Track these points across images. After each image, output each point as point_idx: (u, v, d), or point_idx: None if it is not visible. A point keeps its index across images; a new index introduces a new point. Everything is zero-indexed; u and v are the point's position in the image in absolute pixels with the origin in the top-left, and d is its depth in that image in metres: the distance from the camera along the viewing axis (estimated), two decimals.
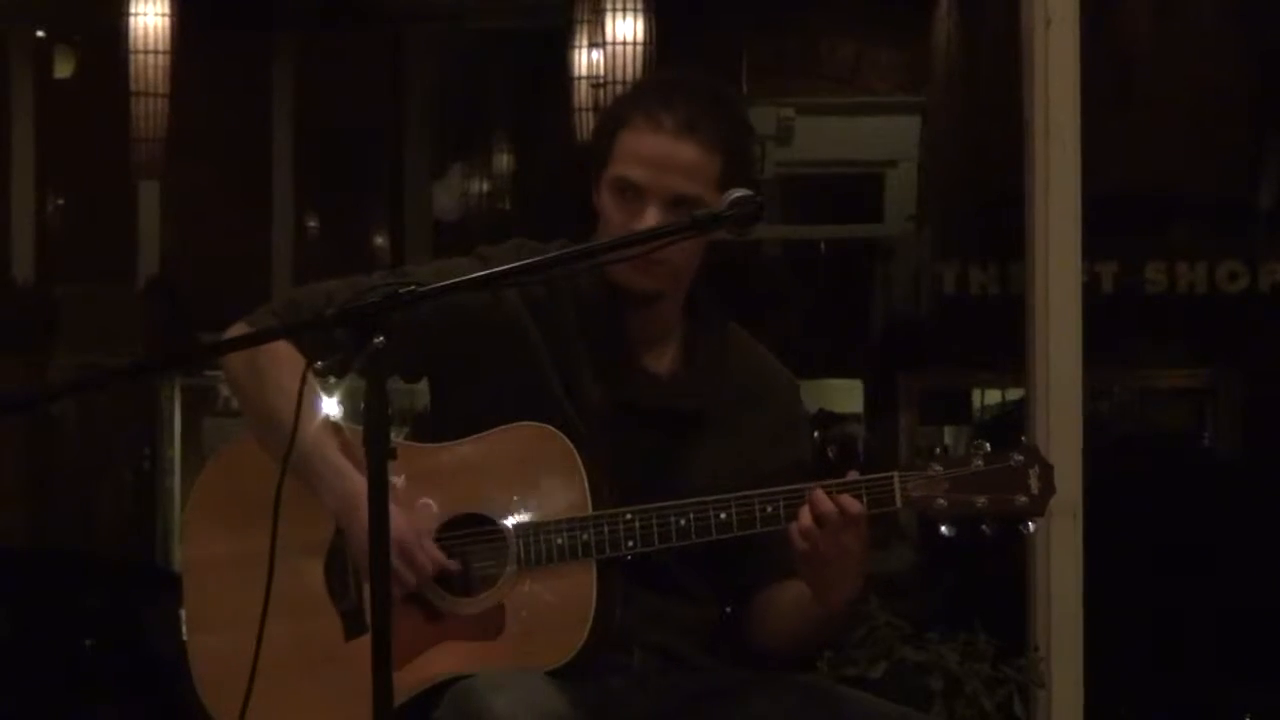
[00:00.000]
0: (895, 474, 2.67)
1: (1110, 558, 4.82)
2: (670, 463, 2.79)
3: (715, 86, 2.83)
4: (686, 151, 2.73)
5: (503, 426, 2.76)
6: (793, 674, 2.88)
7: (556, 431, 2.73)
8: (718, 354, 2.88)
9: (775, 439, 2.87)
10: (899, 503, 2.66)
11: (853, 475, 2.68)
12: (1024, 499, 2.67)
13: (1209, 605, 6.79)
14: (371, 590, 2.27)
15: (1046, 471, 2.68)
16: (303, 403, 2.41)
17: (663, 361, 2.86)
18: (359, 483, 2.58)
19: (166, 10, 7.16)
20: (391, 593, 2.32)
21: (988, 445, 2.69)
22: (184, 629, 2.89)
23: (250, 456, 2.80)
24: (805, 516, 2.63)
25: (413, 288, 2.41)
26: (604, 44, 6.87)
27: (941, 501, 2.66)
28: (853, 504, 2.63)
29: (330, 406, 2.80)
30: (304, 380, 2.40)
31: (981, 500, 2.66)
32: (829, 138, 11.42)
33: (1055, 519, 4.26)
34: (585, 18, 7.28)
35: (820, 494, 2.64)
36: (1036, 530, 2.74)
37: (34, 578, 6.81)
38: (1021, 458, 2.68)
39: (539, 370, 2.79)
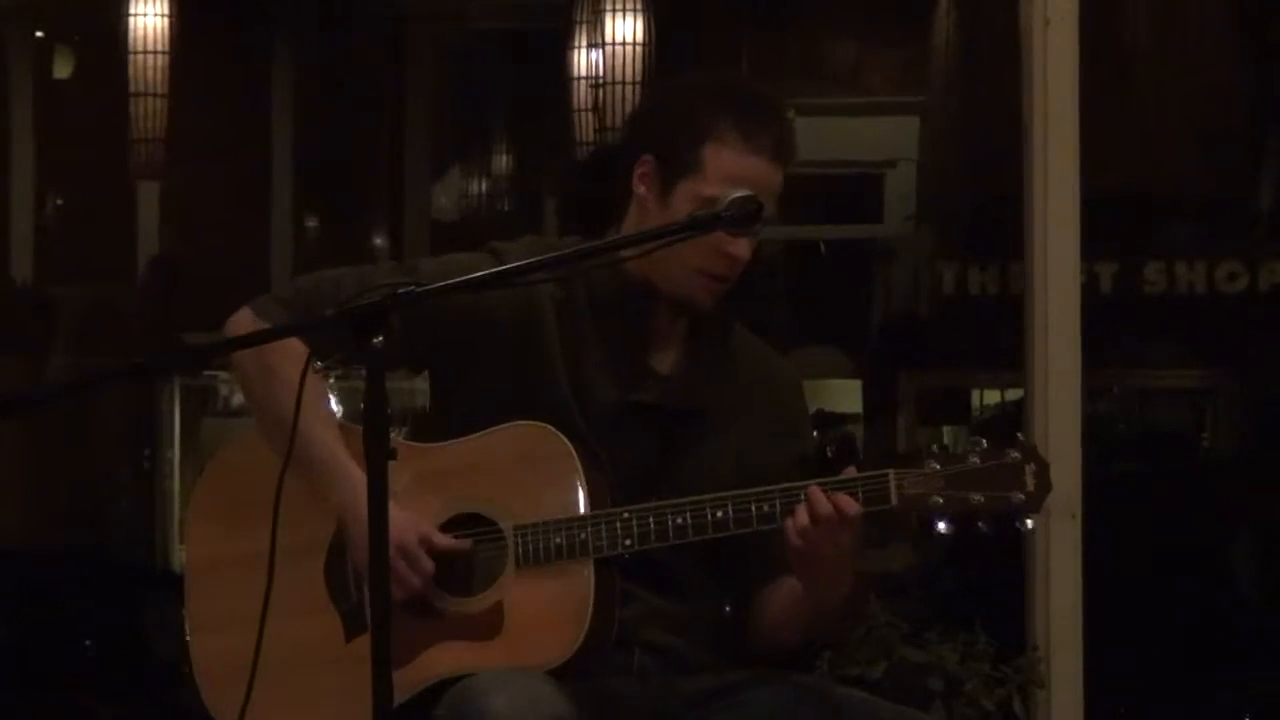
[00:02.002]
0: (891, 471, 2.67)
1: (1110, 557, 4.82)
2: (672, 460, 2.79)
3: (779, 101, 2.84)
4: (778, 177, 2.76)
5: (501, 425, 2.76)
6: (792, 674, 2.88)
7: (555, 430, 2.73)
8: (721, 352, 2.88)
9: (777, 435, 2.87)
10: (895, 500, 2.66)
11: (849, 472, 2.67)
12: (1020, 496, 2.67)
13: (1208, 605, 6.80)
14: (371, 590, 2.27)
15: (1043, 468, 2.68)
16: (306, 396, 2.41)
17: (666, 360, 2.86)
18: (364, 483, 2.58)
19: (166, 10, 7.16)
20: (391, 593, 2.32)
21: (984, 442, 2.68)
22: (185, 628, 2.89)
23: (252, 455, 2.81)
24: (802, 515, 2.63)
25: (412, 288, 2.41)
26: (603, 44, 6.86)
27: (937, 499, 2.66)
28: (850, 504, 2.63)
29: (332, 404, 2.81)
30: (305, 370, 2.40)
31: (977, 497, 2.65)
32: (828, 138, 11.41)
33: (1054, 519, 4.25)
34: (584, 18, 7.27)
35: (817, 493, 2.63)
36: (1034, 528, 2.73)
37: (33, 578, 6.81)
38: (1018, 455, 2.67)
39: (549, 367, 2.80)
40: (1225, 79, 10.41)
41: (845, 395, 11.53)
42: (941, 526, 2.66)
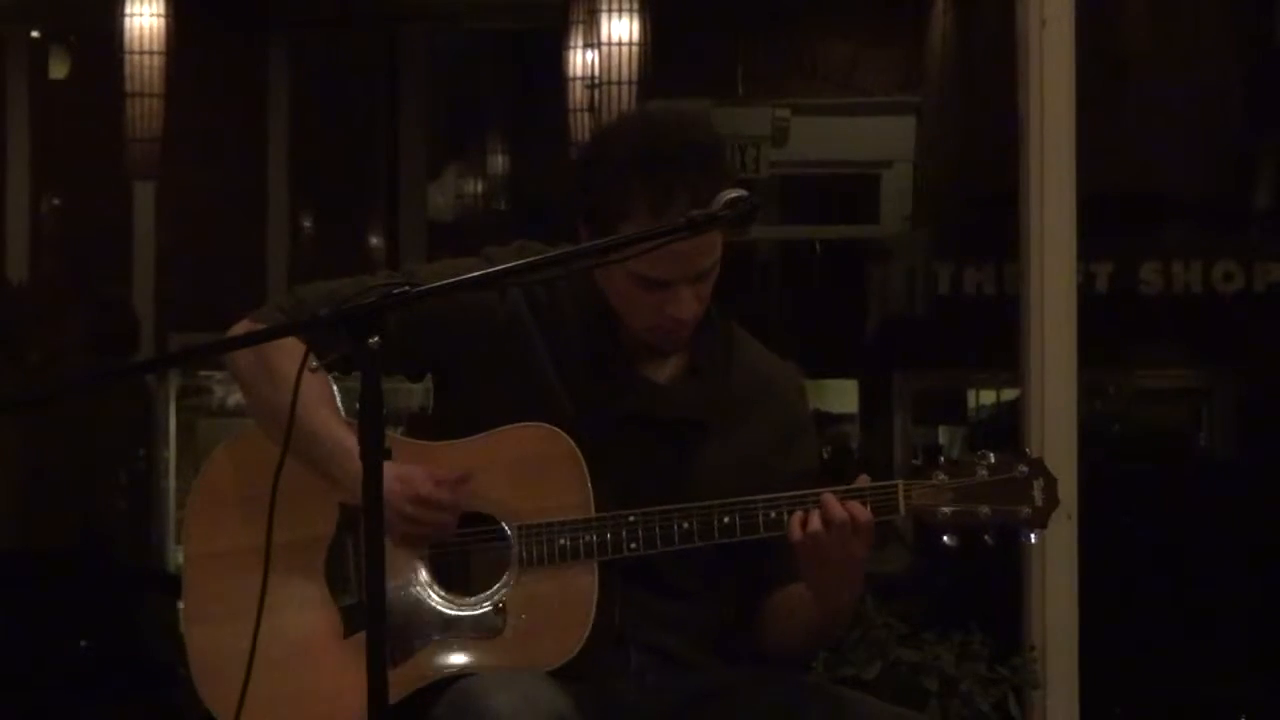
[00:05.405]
0: (900, 482, 2.68)
1: (1105, 557, 4.82)
2: (673, 471, 2.78)
3: (696, 140, 2.74)
4: (700, 240, 2.65)
5: (507, 426, 2.75)
6: (791, 674, 2.88)
7: (561, 432, 2.73)
8: (721, 359, 2.87)
9: (780, 445, 2.87)
10: (903, 511, 2.67)
11: (862, 480, 2.68)
12: (1027, 510, 2.68)
13: (1204, 605, 6.80)
14: (366, 585, 2.27)
15: (1051, 484, 2.69)
16: (307, 388, 2.41)
17: (664, 370, 2.85)
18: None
19: (162, 11, 7.16)
20: (419, 541, 2.29)
21: (992, 455, 2.69)
22: (182, 621, 2.89)
23: (253, 450, 2.80)
24: (815, 521, 2.64)
25: (407, 288, 2.41)
26: (599, 45, 6.87)
27: (945, 511, 2.67)
28: (864, 512, 2.64)
29: (337, 398, 2.80)
30: (303, 364, 2.40)
31: (985, 510, 2.67)
32: (825, 138, 11.43)
33: (1050, 519, 4.25)
34: (580, 18, 7.27)
35: (832, 500, 2.64)
36: (1037, 540, 2.74)
37: (28, 579, 6.81)
38: (1026, 469, 2.69)
39: (541, 374, 2.79)
40: (1221, 80, 10.42)
41: (841, 395, 11.54)
42: (947, 538, 2.67)
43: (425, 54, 10.39)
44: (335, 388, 2.80)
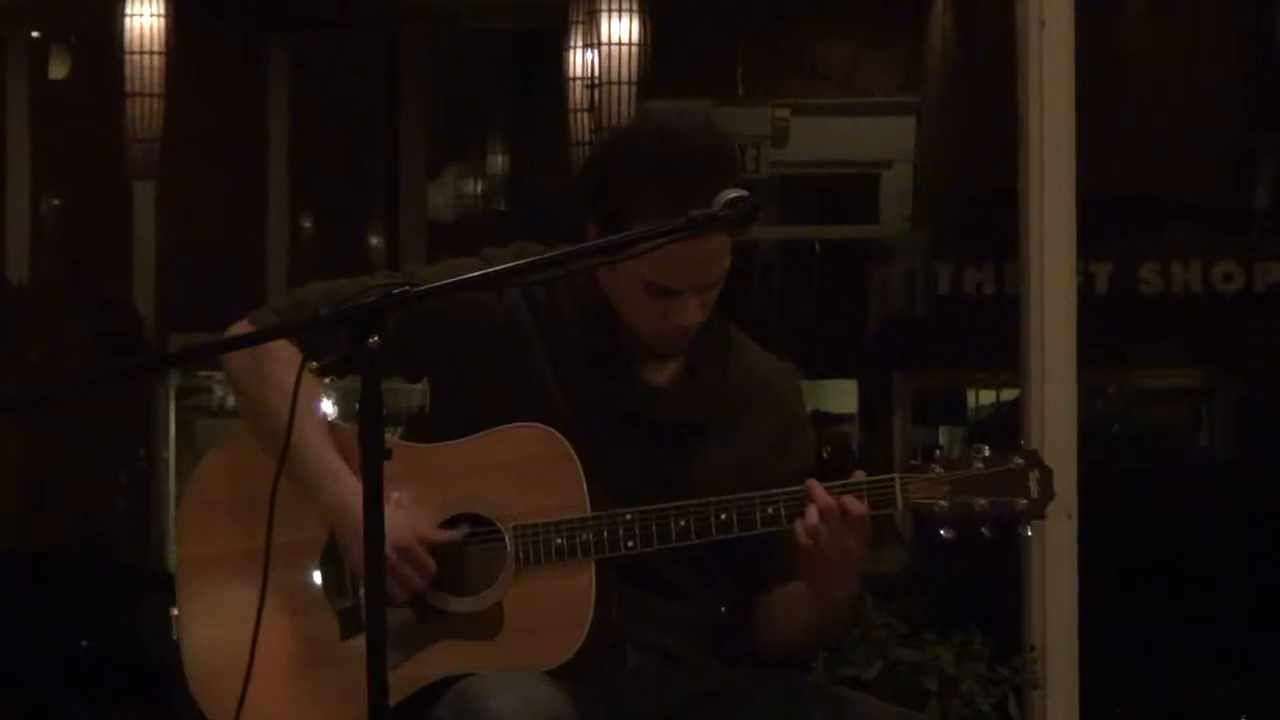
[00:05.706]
0: (896, 476, 2.68)
1: (1105, 557, 4.82)
2: (670, 473, 2.78)
3: (710, 145, 2.73)
4: (711, 242, 2.67)
5: (501, 427, 2.75)
6: (791, 674, 2.88)
7: (556, 433, 2.73)
8: (719, 362, 2.87)
9: (777, 447, 2.86)
10: (900, 505, 2.67)
11: (858, 475, 2.68)
12: (1024, 502, 2.68)
13: (1204, 605, 6.80)
14: (367, 585, 2.27)
15: (1046, 475, 2.70)
16: (299, 400, 2.41)
17: (663, 372, 2.85)
18: (353, 487, 2.58)
19: (162, 11, 7.16)
20: (387, 592, 2.31)
21: (987, 449, 2.69)
22: (176, 627, 2.88)
23: (246, 454, 2.80)
24: (812, 515, 2.64)
25: (407, 288, 2.41)
26: (599, 45, 6.87)
27: (942, 504, 2.67)
28: (857, 505, 2.64)
29: (327, 406, 2.80)
30: (299, 374, 2.40)
31: (981, 503, 2.67)
32: (825, 138, 11.44)
33: (1050, 518, 4.24)
34: (580, 18, 7.27)
35: (825, 493, 2.64)
36: (1034, 532, 2.74)
37: (28, 579, 6.81)
38: (1022, 461, 2.69)
39: (539, 375, 2.79)
40: (1221, 80, 10.43)
41: (841, 395, 11.55)
42: (944, 531, 2.67)
43: (425, 54, 10.40)
44: (325, 393, 2.80)
